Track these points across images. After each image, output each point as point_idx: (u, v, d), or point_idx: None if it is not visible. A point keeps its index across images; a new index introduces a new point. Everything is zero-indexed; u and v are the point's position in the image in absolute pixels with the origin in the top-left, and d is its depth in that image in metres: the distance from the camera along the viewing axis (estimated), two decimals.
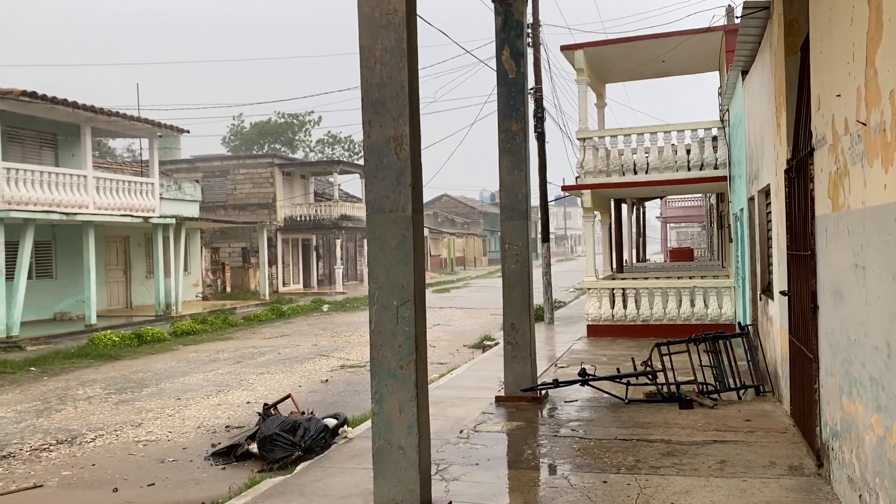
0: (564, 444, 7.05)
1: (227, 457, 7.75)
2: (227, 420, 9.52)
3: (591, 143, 15.29)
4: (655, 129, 15.29)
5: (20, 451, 8.24)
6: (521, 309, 8.99)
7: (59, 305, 22.06)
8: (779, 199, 7.57)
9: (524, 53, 9.00)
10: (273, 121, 53.91)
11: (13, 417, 9.97)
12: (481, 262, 68.13)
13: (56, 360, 14.79)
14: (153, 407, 10.44)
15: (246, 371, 13.36)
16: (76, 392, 11.73)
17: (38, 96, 18.24)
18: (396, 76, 4.98)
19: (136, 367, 14.28)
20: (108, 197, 21.15)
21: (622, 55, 16.07)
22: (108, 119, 21.04)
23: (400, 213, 5.03)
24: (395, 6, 4.97)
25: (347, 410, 9.14)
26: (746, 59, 9.62)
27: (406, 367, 5.02)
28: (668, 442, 6.94)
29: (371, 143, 5.08)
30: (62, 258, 22.42)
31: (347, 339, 17.70)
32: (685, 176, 14.85)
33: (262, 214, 34.33)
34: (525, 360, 8.97)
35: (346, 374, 12.93)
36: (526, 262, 9.02)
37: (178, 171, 35.28)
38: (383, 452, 5.09)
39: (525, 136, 9.03)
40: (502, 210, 9.20)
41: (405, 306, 5.00)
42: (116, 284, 25.29)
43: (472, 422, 8.06)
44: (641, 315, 14.87)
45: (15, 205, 17.93)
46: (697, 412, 8.10)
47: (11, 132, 20.11)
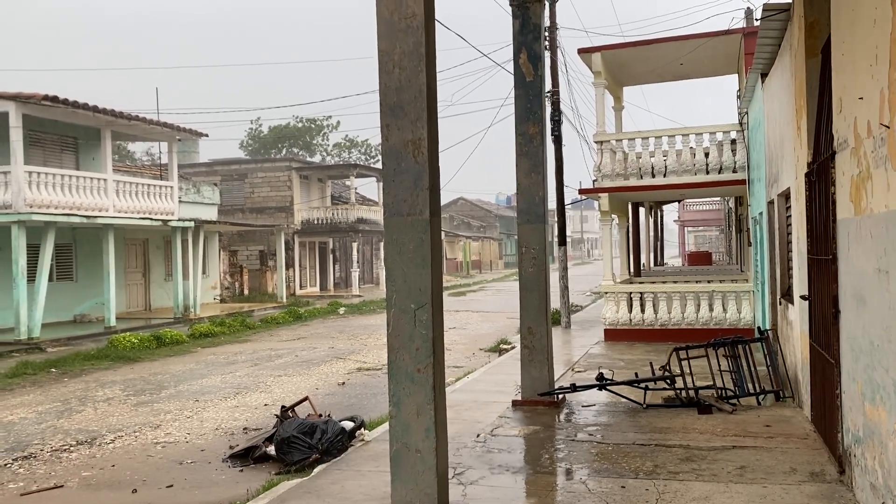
0: (582, 449, 7.01)
1: (245, 459, 7.79)
2: (245, 422, 9.57)
3: (609, 147, 15.23)
4: (673, 132, 15.21)
5: (41, 451, 8.33)
6: (538, 313, 8.97)
7: (79, 307, 22.28)
8: (799, 202, 7.50)
9: (541, 56, 8.99)
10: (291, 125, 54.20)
11: (34, 418, 10.07)
12: (497, 266, 68.04)
13: (76, 361, 14.93)
14: (172, 409, 10.51)
15: (263, 373, 13.42)
16: (96, 393, 11.84)
17: (59, 101, 18.46)
18: (415, 80, 4.99)
19: (154, 368, 14.39)
20: (128, 200, 21.35)
21: (640, 58, 16.01)
22: (127, 123, 21.25)
23: (418, 217, 5.03)
24: (414, 10, 4.98)
25: (364, 413, 9.16)
26: (766, 61, 9.55)
27: (423, 370, 5.02)
28: (687, 447, 6.89)
29: (389, 147, 5.09)
30: (82, 261, 22.65)
31: (364, 342, 17.73)
32: (703, 179, 14.75)
33: (279, 217, 34.50)
34: (542, 364, 8.94)
35: (362, 376, 12.95)
36: (543, 266, 8.99)
37: (197, 174, 35.55)
38: (401, 456, 5.09)
39: (542, 140, 9.01)
40: (519, 213, 9.18)
41: (423, 309, 5.00)
42: (135, 287, 25.52)
43: (489, 425, 8.04)
44: (659, 319, 14.78)
45: (37, 208, 18.14)
46: (716, 417, 8.04)
47: (34, 136, 20.36)
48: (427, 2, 5.04)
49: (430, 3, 5.09)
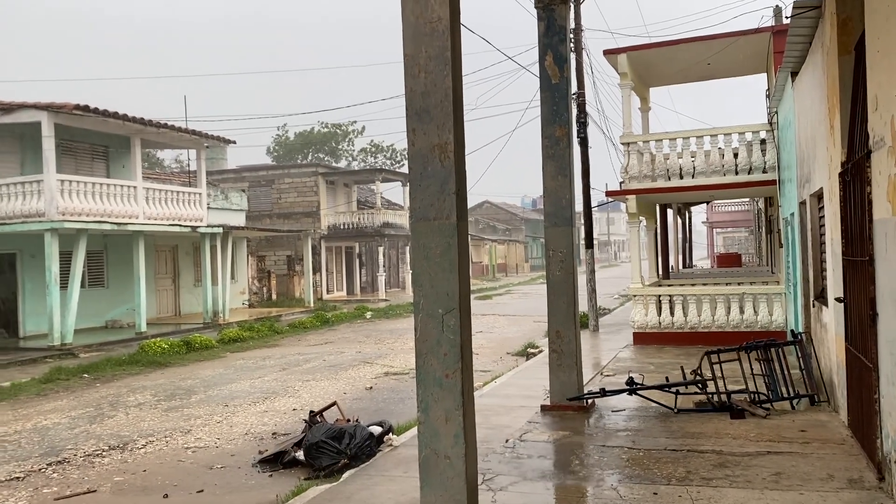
0: (613, 455, 6.93)
1: (275, 464, 7.81)
2: (274, 427, 9.61)
3: (636, 148, 15.10)
4: (701, 132, 15.03)
5: (74, 456, 8.44)
6: (566, 316, 8.89)
7: (110, 313, 22.60)
8: (833, 202, 7.35)
9: (567, 58, 8.93)
10: (316, 130, 54.55)
11: (68, 423, 10.21)
12: (523, 269, 67.81)
13: (108, 366, 15.12)
14: (202, 413, 10.59)
15: (292, 378, 13.48)
16: (127, 398, 11.97)
17: (90, 110, 18.75)
18: (441, 84, 4.97)
19: (184, 374, 14.53)
20: (158, 207, 21.61)
21: (666, 58, 15.85)
22: (156, 131, 21.52)
23: (444, 221, 5.00)
24: (440, 14, 4.96)
25: (392, 418, 9.14)
26: (796, 59, 9.39)
27: (452, 375, 4.99)
28: (720, 453, 6.78)
29: (415, 152, 5.07)
30: (113, 267, 22.98)
31: (391, 346, 17.75)
32: (732, 180, 14.55)
33: (306, 223, 34.72)
34: (571, 368, 8.86)
35: (390, 381, 12.95)
36: (571, 269, 8.92)
37: (225, 180, 35.93)
38: (429, 462, 5.06)
39: (569, 142, 8.95)
40: (546, 216, 9.12)
41: (450, 314, 4.97)
42: (165, 292, 25.84)
43: (517, 431, 7.98)
44: (689, 322, 14.60)
45: (69, 215, 18.44)
46: (749, 422, 7.90)
47: (65, 145, 20.71)
48: (452, 5, 5.02)
49: (455, 7, 5.06)
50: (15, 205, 18.47)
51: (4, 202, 18.60)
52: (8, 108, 18.78)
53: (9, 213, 18.51)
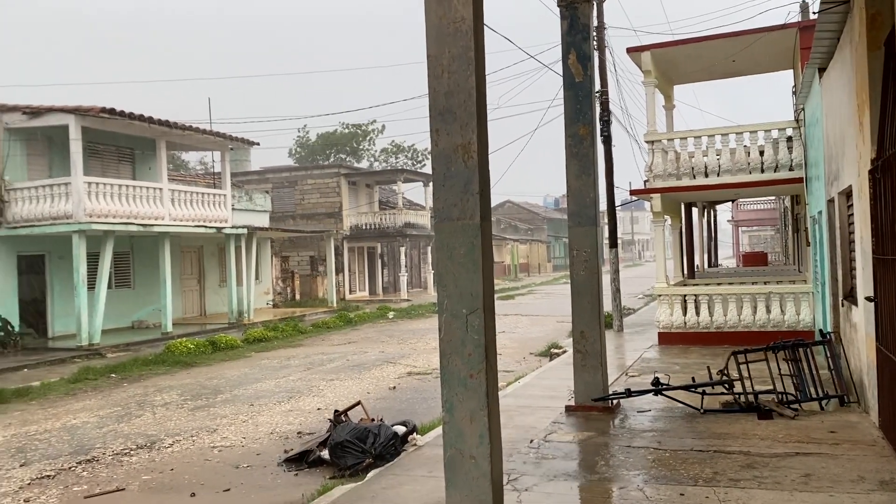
0: (638, 455, 6.88)
1: (300, 463, 7.86)
2: (299, 426, 9.66)
3: (660, 146, 14.98)
4: (727, 130, 14.87)
5: (103, 455, 8.55)
6: (590, 316, 8.84)
7: (136, 314, 22.87)
8: (862, 200, 7.24)
9: (590, 57, 8.88)
10: (338, 131, 54.77)
11: (96, 422, 10.35)
12: (545, 269, 67.58)
13: (135, 366, 15.31)
14: (227, 413, 10.68)
15: (316, 377, 13.56)
16: (154, 398, 12.11)
17: (116, 113, 18.99)
18: (464, 84, 4.97)
19: (210, 373, 14.67)
20: (183, 208, 21.82)
21: (691, 56, 15.70)
22: (181, 133, 21.73)
23: (468, 221, 5.00)
24: (463, 14, 4.96)
25: (416, 418, 9.15)
26: (824, 55, 9.26)
27: (476, 375, 4.99)
28: (748, 454, 6.70)
29: (439, 152, 5.07)
30: (139, 268, 23.26)
31: (413, 346, 17.77)
32: (758, 178, 14.39)
33: (328, 223, 34.89)
34: (595, 368, 8.81)
35: (413, 381, 12.97)
36: (595, 269, 8.87)
37: (249, 182, 36.21)
38: (455, 462, 5.06)
39: (592, 141, 8.90)
40: (570, 216, 9.07)
41: (474, 315, 4.96)
42: (191, 293, 26.10)
43: (542, 431, 7.95)
44: (715, 322, 14.45)
45: (96, 217, 18.68)
46: (778, 423, 7.80)
47: (92, 148, 20.99)
48: (476, 6, 5.01)
49: (478, 7, 5.06)
50: (43, 207, 18.75)
51: (33, 204, 18.89)
52: (36, 112, 19.08)
53: (37, 216, 18.79)
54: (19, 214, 18.97)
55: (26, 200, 19.00)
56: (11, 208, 19.07)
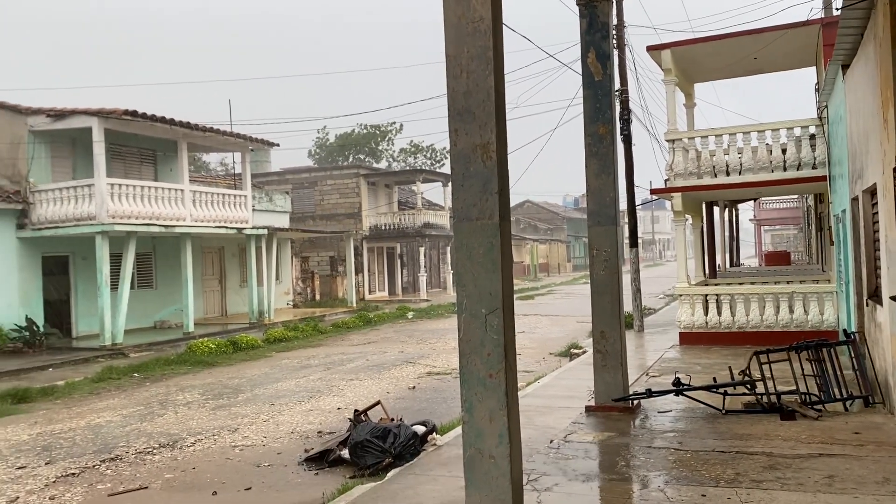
0: (659, 456, 6.84)
1: (320, 462, 7.90)
2: (319, 425, 9.71)
3: (681, 145, 14.87)
4: (748, 128, 14.73)
5: (126, 453, 8.64)
6: (610, 316, 8.80)
7: (159, 314, 23.10)
8: (887, 198, 7.14)
9: (610, 55, 8.84)
10: (356, 132, 54.96)
11: (119, 421, 10.47)
12: (565, 269, 67.33)
13: (157, 366, 15.46)
14: (248, 412, 10.76)
15: (336, 377, 13.61)
16: (176, 397, 12.22)
17: (138, 115, 19.19)
18: (483, 84, 4.96)
19: (231, 373, 14.78)
20: (204, 209, 22.00)
21: (711, 53, 15.57)
22: (202, 135, 21.92)
23: (487, 221, 4.99)
24: (482, 14, 4.95)
25: (435, 417, 9.16)
26: (847, 52, 9.14)
27: (495, 375, 4.98)
28: (770, 455, 6.63)
29: (457, 152, 5.07)
30: (161, 269, 23.49)
31: (433, 346, 17.79)
32: (781, 177, 14.23)
33: (348, 224, 35.02)
34: (616, 368, 8.77)
35: (432, 380, 12.98)
36: (615, 269, 8.83)
37: (269, 183, 36.43)
38: (474, 461, 5.05)
39: (612, 140, 8.85)
40: (589, 215, 9.03)
41: (494, 314, 4.96)
42: (212, 293, 26.32)
43: (562, 431, 7.93)
44: (737, 322, 14.32)
45: (119, 218, 18.89)
46: (801, 424, 7.72)
47: (115, 150, 21.23)
48: (494, 5, 5.01)
49: (497, 7, 5.05)
50: (67, 208, 19.00)
51: (57, 206, 19.14)
52: (60, 115, 19.34)
53: (62, 217, 19.04)
54: (44, 216, 19.23)
55: (51, 202, 19.26)
56: (36, 210, 19.34)
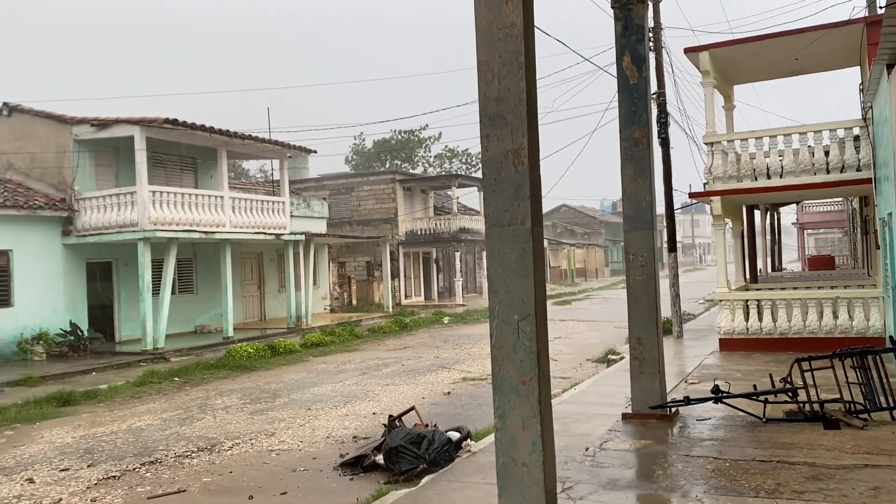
0: (697, 465, 6.71)
1: (355, 467, 7.92)
2: (355, 430, 9.75)
3: (720, 148, 14.64)
4: (789, 130, 14.44)
5: (166, 456, 8.78)
6: (647, 322, 8.68)
7: (199, 319, 23.47)
8: None
9: (645, 58, 8.74)
10: (393, 138, 55.29)
11: (159, 425, 10.64)
12: (603, 273, 66.73)
13: (197, 370, 15.69)
14: (285, 417, 10.85)
15: (371, 382, 13.66)
16: (215, 402, 12.39)
17: (178, 123, 19.54)
18: (514, 89, 4.94)
19: (269, 377, 14.93)
20: (243, 216, 22.30)
21: (751, 55, 15.31)
22: (241, 142, 22.23)
23: (519, 227, 4.96)
24: (513, 19, 4.93)
25: (470, 423, 9.13)
26: (892, 51, 8.92)
27: (528, 382, 4.94)
28: (813, 465, 6.47)
29: (489, 157, 5.05)
30: (202, 274, 23.87)
31: (468, 352, 17.75)
32: (823, 179, 13.92)
33: (384, 229, 35.20)
34: (653, 376, 8.64)
35: (467, 386, 12.95)
36: (652, 274, 8.71)
37: (307, 189, 36.81)
38: (507, 469, 5.02)
39: (648, 143, 8.75)
40: (626, 220, 8.94)
41: (526, 321, 4.92)
42: (251, 298, 26.66)
43: (597, 439, 7.84)
44: (778, 328, 14.02)
45: (160, 225, 19.25)
46: (845, 433, 7.52)
47: (156, 157, 21.66)
48: (526, 10, 4.98)
49: (528, 12, 5.03)
50: (111, 215, 19.41)
51: (102, 213, 19.58)
52: (103, 124, 19.80)
53: (105, 224, 19.46)
54: (88, 223, 19.68)
55: (94, 209, 19.71)
56: (81, 217, 19.80)
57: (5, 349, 17.98)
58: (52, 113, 20.61)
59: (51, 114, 20.60)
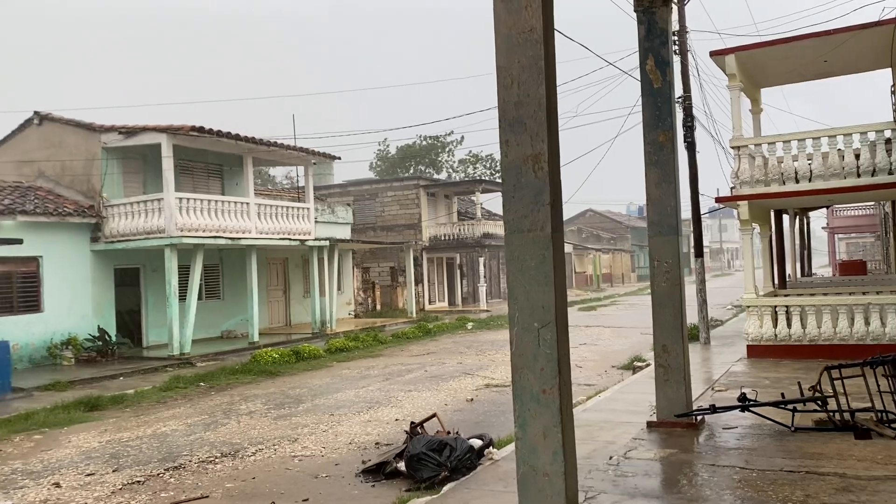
0: (723, 475, 6.58)
1: (377, 474, 7.90)
2: (377, 437, 9.73)
3: (747, 152, 14.43)
4: (818, 133, 14.18)
5: (189, 462, 8.82)
6: (673, 329, 8.56)
7: (225, 324, 23.66)
8: None
9: (669, 62, 8.64)
10: (416, 144, 55.42)
11: (184, 430, 10.71)
12: (629, 279, 66.21)
13: (222, 375, 15.79)
14: (308, 422, 10.87)
15: (394, 388, 13.65)
16: (239, 407, 12.45)
17: (205, 131, 19.75)
18: (534, 94, 4.90)
19: (293, 382, 14.98)
20: (269, 222, 22.45)
21: (779, 57, 15.08)
22: (267, 149, 22.41)
23: (539, 233, 4.91)
24: (533, 25, 4.89)
25: (493, 431, 9.07)
26: None
27: (549, 391, 4.88)
28: (843, 476, 6.31)
29: (509, 163, 5.01)
30: (228, 280, 24.08)
31: (492, 358, 17.68)
32: (854, 183, 13.64)
33: (408, 235, 35.26)
34: (679, 383, 8.51)
35: (490, 393, 12.88)
36: (677, 280, 8.59)
37: (332, 195, 37.02)
38: (528, 479, 4.96)
39: (673, 148, 8.64)
40: (650, 225, 8.83)
41: (546, 328, 4.86)
42: (276, 303, 26.83)
43: (622, 447, 7.73)
44: (808, 335, 13.77)
45: (187, 231, 19.44)
46: (877, 443, 7.33)
47: (183, 164, 21.90)
48: (546, 15, 4.94)
49: (548, 17, 4.98)
50: (138, 222, 19.66)
51: (129, 220, 19.83)
52: (131, 132, 20.08)
53: (133, 230, 19.71)
54: (116, 229, 19.94)
55: (122, 216, 19.97)
56: (109, 224, 20.07)
57: (35, 354, 18.26)
58: (82, 121, 20.95)
59: (80, 122, 20.94)
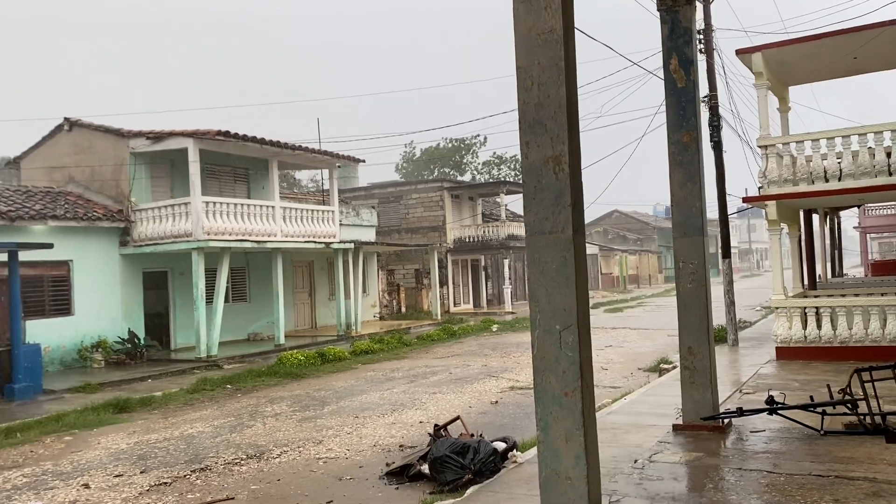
0: (751, 479, 6.49)
1: (401, 476, 7.91)
2: (401, 439, 9.74)
3: (775, 151, 14.23)
4: (848, 131, 13.94)
5: (215, 464, 8.90)
6: (698, 331, 8.46)
7: (252, 327, 23.87)
8: None
9: (694, 61, 8.56)
10: (441, 146, 55.51)
11: (211, 432, 10.81)
12: (656, 280, 65.63)
13: (248, 378, 15.92)
14: (333, 424, 10.91)
15: (419, 390, 13.65)
16: (265, 409, 12.54)
17: (230, 135, 19.94)
18: (554, 95, 4.87)
19: (319, 385, 15.06)
20: (294, 225, 22.59)
21: (806, 55, 14.85)
22: (292, 153, 22.56)
23: (560, 235, 4.88)
24: (552, 25, 4.87)
25: (517, 433, 9.04)
26: None
27: (571, 394, 4.84)
28: (874, 481, 6.19)
29: (529, 164, 4.99)
30: (254, 283, 24.28)
31: (517, 360, 17.61)
32: (885, 182, 13.39)
33: (432, 237, 35.29)
34: (705, 386, 8.41)
35: (515, 395, 12.83)
36: (703, 281, 8.49)
37: (356, 198, 37.18)
38: (550, 482, 4.93)
39: (697, 148, 8.55)
40: (675, 226, 8.75)
41: (568, 331, 4.83)
42: (302, 306, 27.00)
43: (647, 451, 7.66)
44: (838, 336, 13.53)
45: (213, 235, 19.64)
46: None
47: (210, 169, 22.13)
48: (566, 16, 4.91)
49: (568, 17, 4.96)
50: (166, 226, 19.90)
51: (158, 223, 20.08)
52: (158, 137, 20.33)
53: (160, 234, 19.95)
54: (144, 233, 20.21)
55: (150, 220, 20.23)
56: (137, 228, 20.35)
57: (66, 356, 18.55)
58: (111, 127, 21.25)
59: (109, 128, 21.25)
